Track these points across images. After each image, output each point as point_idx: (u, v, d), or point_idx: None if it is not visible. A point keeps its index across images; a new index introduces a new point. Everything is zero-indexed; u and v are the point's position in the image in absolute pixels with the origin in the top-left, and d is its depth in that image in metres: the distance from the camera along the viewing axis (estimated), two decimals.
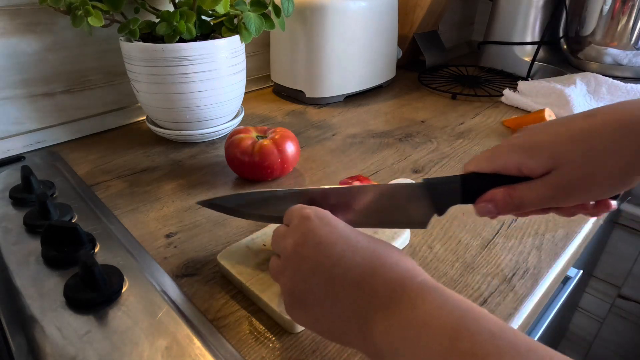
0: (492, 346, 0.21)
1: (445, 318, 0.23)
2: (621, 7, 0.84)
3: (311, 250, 0.28)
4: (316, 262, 0.28)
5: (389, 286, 0.26)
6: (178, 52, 0.55)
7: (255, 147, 0.52)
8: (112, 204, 0.50)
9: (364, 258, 0.27)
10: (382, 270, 0.26)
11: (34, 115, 0.63)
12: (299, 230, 0.30)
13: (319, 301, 0.28)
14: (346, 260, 0.27)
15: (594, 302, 1.07)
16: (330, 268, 0.27)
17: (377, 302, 0.25)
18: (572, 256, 0.44)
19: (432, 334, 0.22)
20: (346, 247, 0.28)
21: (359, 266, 0.27)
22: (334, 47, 0.77)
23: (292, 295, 0.29)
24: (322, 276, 0.28)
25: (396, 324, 0.24)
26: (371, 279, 0.26)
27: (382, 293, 0.25)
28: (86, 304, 0.35)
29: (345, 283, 0.27)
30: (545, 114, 0.66)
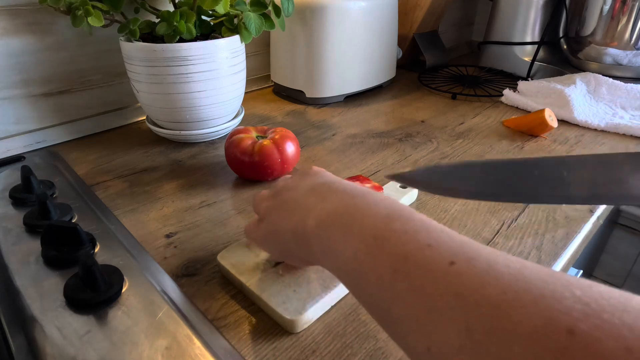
0: (422, 228, 0.22)
1: (381, 209, 0.24)
2: (621, 7, 0.84)
3: (306, 177, 0.32)
4: (302, 182, 0.32)
5: (336, 187, 0.28)
6: (178, 52, 0.55)
7: (255, 147, 0.52)
8: (112, 204, 0.50)
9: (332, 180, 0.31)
10: (338, 182, 0.30)
11: (34, 115, 0.63)
12: (304, 169, 0.34)
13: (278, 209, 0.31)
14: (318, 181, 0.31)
15: None
16: (309, 184, 0.31)
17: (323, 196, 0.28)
18: (572, 256, 0.44)
19: (366, 218, 0.24)
20: (327, 177, 0.32)
21: (324, 184, 0.30)
22: (334, 47, 0.77)
23: (267, 208, 0.33)
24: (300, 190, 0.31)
25: (332, 209, 0.26)
26: (328, 185, 0.29)
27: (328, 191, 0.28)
28: (86, 304, 0.35)
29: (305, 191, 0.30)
30: (545, 114, 0.66)
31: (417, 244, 0.21)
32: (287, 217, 0.30)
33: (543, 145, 0.66)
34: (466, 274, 0.19)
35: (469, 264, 0.19)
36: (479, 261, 0.19)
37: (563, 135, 0.69)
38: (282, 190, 0.33)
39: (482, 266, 0.19)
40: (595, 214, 0.49)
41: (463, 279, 0.19)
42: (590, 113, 0.74)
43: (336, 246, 0.24)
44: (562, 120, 0.74)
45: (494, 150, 0.64)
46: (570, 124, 0.73)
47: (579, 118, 0.72)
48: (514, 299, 0.17)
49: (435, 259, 0.20)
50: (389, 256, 0.21)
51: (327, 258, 0.26)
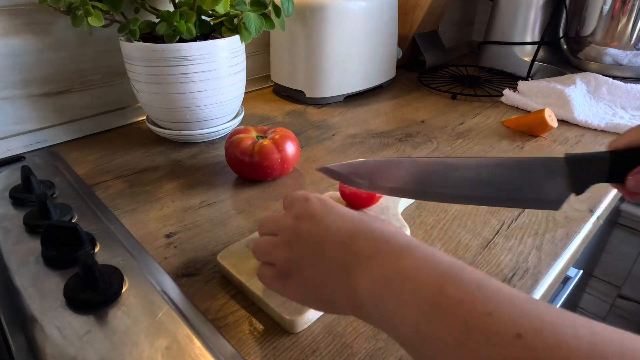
0: (479, 293, 0.21)
1: (431, 271, 0.23)
2: (621, 7, 0.84)
3: (308, 222, 0.30)
4: (311, 231, 0.30)
5: (373, 243, 0.27)
6: (178, 52, 0.55)
7: (255, 147, 0.52)
8: (112, 204, 0.50)
9: (352, 223, 0.29)
10: (367, 230, 0.28)
11: (34, 115, 0.63)
12: (299, 209, 0.32)
13: (310, 264, 0.29)
14: (336, 226, 0.29)
15: (594, 302, 1.07)
16: (321, 234, 0.29)
17: (361, 258, 0.27)
18: (572, 256, 0.44)
19: (418, 282, 0.23)
20: (337, 217, 0.30)
21: (346, 229, 0.29)
22: (334, 47, 0.77)
23: (287, 262, 0.31)
24: (315, 240, 0.29)
25: (380, 276, 0.25)
26: (356, 237, 0.28)
27: (366, 249, 0.27)
28: (86, 304, 0.35)
29: (333, 243, 0.28)
30: (545, 114, 0.66)
31: (477, 312, 0.20)
32: (325, 277, 0.28)
33: (543, 145, 0.66)
34: (534, 349, 0.18)
35: (536, 337, 0.18)
36: (544, 333, 0.18)
37: (563, 135, 0.69)
38: (295, 239, 0.30)
39: (550, 340, 0.18)
40: (595, 214, 0.49)
41: (533, 354, 0.18)
42: (590, 113, 0.74)
43: (394, 317, 0.24)
44: (562, 120, 0.74)
45: (494, 150, 0.64)
46: (570, 124, 0.73)
47: (579, 118, 0.72)
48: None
49: (499, 331, 0.19)
50: (451, 327, 0.21)
51: (387, 329, 0.25)
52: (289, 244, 0.31)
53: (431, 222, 0.47)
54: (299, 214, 0.31)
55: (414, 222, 0.47)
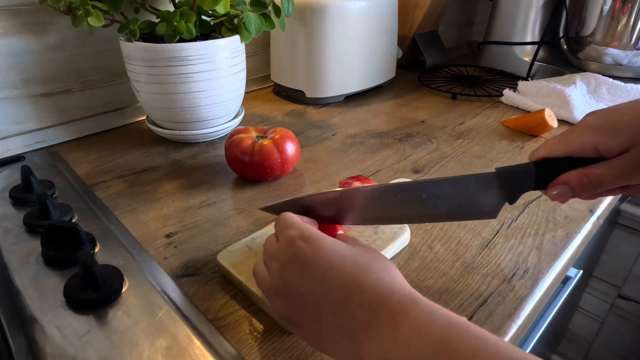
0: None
1: (425, 338, 0.23)
2: (621, 7, 0.84)
3: (298, 272, 0.30)
4: (302, 284, 0.29)
5: (367, 307, 0.26)
6: (178, 52, 0.55)
7: (255, 147, 0.52)
8: (112, 204, 0.50)
9: (343, 279, 0.28)
10: (360, 291, 0.27)
11: (34, 115, 0.63)
12: (285, 254, 0.31)
13: (310, 322, 0.29)
14: (327, 283, 0.28)
15: (594, 302, 1.07)
16: (313, 290, 0.29)
17: (358, 323, 0.26)
18: (572, 256, 0.44)
19: (418, 352, 0.23)
20: (327, 269, 0.29)
21: (338, 289, 0.28)
22: (334, 47, 0.77)
23: (286, 316, 0.31)
24: (309, 297, 0.29)
25: (383, 342, 0.25)
26: (350, 301, 0.27)
27: (361, 314, 0.26)
28: (86, 304, 0.35)
29: (327, 306, 0.28)
30: (545, 114, 0.66)
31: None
32: (325, 338, 0.28)
33: None
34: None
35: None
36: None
37: None
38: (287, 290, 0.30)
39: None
40: (595, 214, 0.49)
41: None
42: None
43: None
44: (562, 120, 0.74)
45: (494, 150, 0.64)
46: (570, 124, 0.73)
47: (579, 118, 0.72)
48: None
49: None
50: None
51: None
52: (282, 294, 0.30)
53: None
54: (284, 261, 0.30)
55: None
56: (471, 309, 0.36)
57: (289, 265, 0.30)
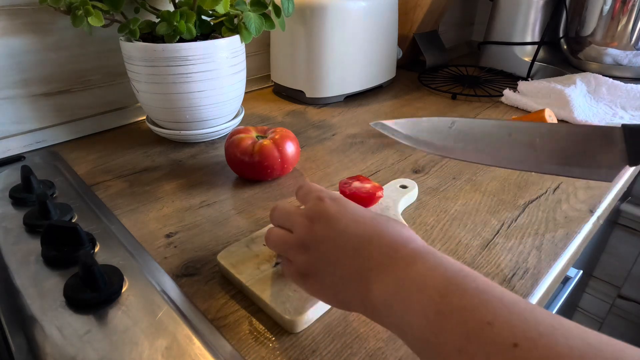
0: (479, 300, 0.22)
1: (436, 278, 0.25)
2: (621, 7, 0.84)
3: (323, 225, 0.31)
4: (326, 234, 0.31)
5: (384, 250, 0.28)
6: (178, 52, 0.55)
7: (255, 147, 0.52)
8: (112, 203, 0.50)
9: (364, 229, 0.30)
10: (378, 237, 0.29)
11: (34, 115, 0.63)
12: (313, 210, 0.32)
13: (326, 267, 0.30)
14: (349, 231, 0.30)
15: (594, 302, 1.07)
16: (335, 238, 0.30)
17: (373, 264, 0.28)
18: (572, 256, 0.44)
19: (423, 290, 0.24)
20: (350, 221, 0.31)
21: (359, 235, 0.30)
22: (334, 47, 0.77)
23: (305, 264, 0.31)
24: (329, 245, 0.30)
25: (390, 282, 0.26)
26: (369, 245, 0.29)
27: (378, 256, 0.28)
28: (86, 304, 0.35)
29: (347, 250, 0.29)
30: (546, 114, 0.66)
31: (477, 321, 0.21)
32: (340, 282, 0.29)
33: None
34: (529, 358, 0.19)
35: (531, 347, 0.19)
36: (539, 342, 0.20)
37: None
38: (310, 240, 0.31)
39: (544, 351, 0.19)
40: (595, 214, 0.49)
41: None
42: (591, 113, 0.74)
43: (402, 322, 0.25)
44: (562, 120, 0.74)
45: None
46: (570, 124, 0.73)
47: (579, 118, 0.72)
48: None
49: (497, 340, 0.20)
50: (452, 334, 0.22)
51: (397, 332, 0.26)
52: (305, 247, 0.32)
53: (431, 222, 0.47)
54: (312, 215, 0.32)
55: (414, 222, 0.47)
56: None
57: (317, 219, 0.31)
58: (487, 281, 0.24)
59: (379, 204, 0.47)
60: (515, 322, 0.21)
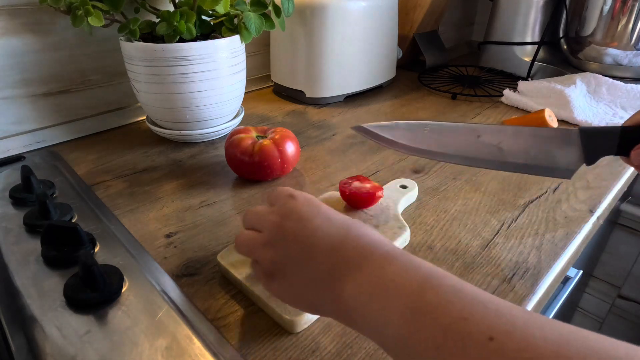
0: (456, 298, 0.23)
1: (412, 277, 0.25)
2: (621, 7, 0.84)
3: (294, 223, 0.31)
4: (297, 233, 0.30)
5: (359, 251, 0.28)
6: (178, 52, 0.55)
7: (255, 147, 0.52)
8: (112, 203, 0.50)
9: (337, 229, 0.30)
10: (352, 238, 0.29)
11: (34, 115, 0.63)
12: (285, 207, 0.32)
13: (296, 267, 0.30)
14: (322, 230, 0.30)
15: (594, 303, 1.07)
16: (308, 237, 0.30)
17: (348, 265, 0.28)
18: (572, 256, 0.44)
19: (399, 289, 0.25)
20: (323, 221, 0.30)
21: (332, 235, 0.29)
22: (334, 47, 0.77)
23: (273, 263, 0.31)
24: (301, 244, 0.30)
25: (365, 282, 0.26)
26: (342, 246, 0.29)
27: (353, 257, 0.28)
28: (86, 304, 0.35)
29: (320, 249, 0.29)
30: (546, 114, 0.66)
31: (453, 317, 0.22)
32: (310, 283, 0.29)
33: None
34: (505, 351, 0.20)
35: (507, 339, 0.20)
36: (515, 335, 0.20)
37: None
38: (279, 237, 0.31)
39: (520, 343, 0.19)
40: (595, 214, 0.49)
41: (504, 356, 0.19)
42: (591, 113, 0.74)
43: (377, 322, 0.25)
44: (562, 120, 0.74)
45: None
46: (570, 124, 0.73)
47: (578, 118, 0.72)
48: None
49: (473, 334, 0.21)
50: (429, 330, 0.22)
51: (371, 334, 0.26)
52: (273, 244, 0.31)
53: (431, 222, 0.47)
54: (284, 213, 0.31)
55: (414, 222, 0.47)
56: None
57: (288, 216, 0.31)
58: (462, 281, 0.24)
59: (379, 204, 0.47)
60: (491, 317, 0.21)
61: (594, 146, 0.33)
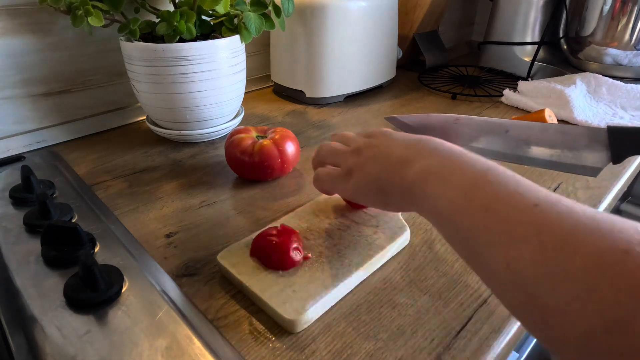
0: (512, 179, 0.26)
1: (479, 165, 0.28)
2: (621, 7, 0.84)
3: (380, 135, 0.36)
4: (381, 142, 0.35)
5: (434, 146, 0.31)
6: (178, 52, 0.55)
7: (255, 147, 0.52)
8: (112, 203, 0.50)
9: (418, 137, 0.33)
10: (430, 140, 0.32)
11: (34, 115, 0.63)
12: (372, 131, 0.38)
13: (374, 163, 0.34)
14: (404, 137, 0.34)
15: None
16: (391, 139, 0.35)
17: (422, 154, 0.31)
18: None
19: (464, 170, 0.28)
20: (405, 135, 0.35)
21: (412, 138, 0.33)
22: (334, 47, 0.77)
23: (355, 164, 0.35)
24: (382, 147, 0.34)
25: (434, 163, 0.30)
26: (420, 143, 0.32)
27: (427, 149, 0.31)
28: (86, 304, 0.35)
29: (399, 146, 0.33)
30: (546, 114, 0.66)
31: (507, 190, 0.25)
32: (385, 170, 0.33)
33: None
34: (547, 212, 0.23)
35: (550, 206, 0.23)
36: (558, 205, 0.23)
37: None
38: (366, 147, 0.35)
39: (562, 208, 0.22)
40: None
41: (544, 214, 0.23)
42: (591, 113, 0.74)
43: (436, 192, 0.28)
44: (562, 120, 0.74)
45: None
46: (570, 124, 0.73)
47: (579, 118, 0.72)
48: (584, 229, 0.21)
49: (522, 201, 0.24)
50: (482, 198, 0.25)
51: (425, 204, 0.29)
52: (359, 151, 0.35)
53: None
54: (372, 133, 0.37)
55: (414, 223, 0.47)
56: (471, 309, 0.36)
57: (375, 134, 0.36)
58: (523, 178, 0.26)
59: None
60: (540, 193, 0.24)
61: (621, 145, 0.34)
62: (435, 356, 0.32)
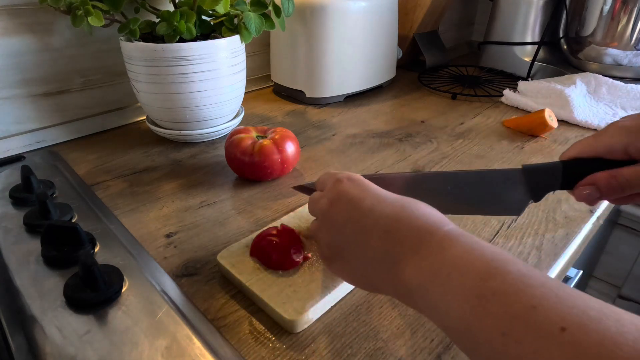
0: (522, 284, 0.21)
1: (475, 260, 0.24)
2: (621, 7, 0.84)
3: (344, 205, 0.31)
4: (348, 216, 0.30)
5: (417, 233, 0.27)
6: (178, 52, 0.55)
7: (255, 147, 0.52)
8: (112, 203, 0.50)
9: (392, 209, 0.29)
10: (409, 219, 0.28)
11: (34, 115, 0.63)
12: (332, 192, 0.32)
13: (352, 250, 0.30)
14: (375, 211, 0.29)
15: None
16: (360, 219, 0.29)
17: (406, 246, 0.27)
18: (572, 256, 0.44)
19: (463, 273, 0.23)
20: (375, 201, 0.30)
21: (387, 216, 0.28)
22: (334, 47, 0.77)
23: (329, 247, 0.32)
24: (355, 227, 0.30)
25: (426, 265, 0.25)
26: (399, 226, 0.28)
27: (410, 239, 0.27)
28: (86, 304, 0.35)
29: (375, 231, 0.28)
30: (545, 114, 0.66)
31: (521, 305, 0.21)
32: (369, 265, 0.29)
33: (543, 145, 0.66)
34: (579, 343, 0.18)
35: (581, 331, 0.19)
36: (590, 328, 0.19)
37: (563, 135, 0.69)
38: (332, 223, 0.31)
39: (595, 336, 0.18)
40: (595, 214, 0.49)
41: (577, 349, 0.18)
42: (591, 113, 0.74)
43: (440, 307, 0.24)
44: (562, 120, 0.74)
45: (494, 151, 0.64)
46: (570, 124, 0.73)
47: (579, 118, 0.72)
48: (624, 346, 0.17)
49: (544, 324, 0.20)
50: (495, 319, 0.21)
51: (433, 317, 0.26)
52: (327, 230, 0.32)
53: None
54: (332, 197, 0.32)
55: None
56: None
57: (336, 199, 0.31)
58: (527, 265, 0.23)
59: None
60: (563, 306, 0.20)
61: (538, 183, 0.34)
62: (435, 356, 0.32)
